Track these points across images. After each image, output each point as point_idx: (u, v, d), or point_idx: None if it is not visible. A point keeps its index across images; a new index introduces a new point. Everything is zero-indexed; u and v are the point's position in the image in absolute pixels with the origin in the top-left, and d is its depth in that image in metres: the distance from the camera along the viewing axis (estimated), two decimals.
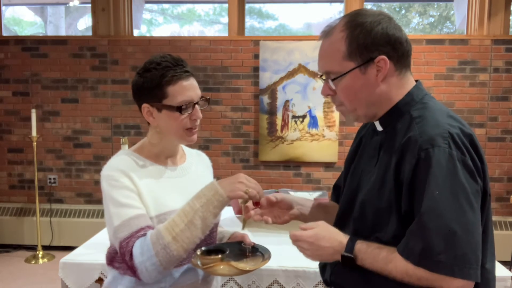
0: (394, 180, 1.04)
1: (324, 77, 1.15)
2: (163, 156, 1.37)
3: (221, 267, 1.22)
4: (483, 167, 1.04)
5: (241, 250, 1.35)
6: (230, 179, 1.23)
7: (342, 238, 1.11)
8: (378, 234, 1.08)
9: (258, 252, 1.35)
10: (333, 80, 1.12)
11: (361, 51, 1.08)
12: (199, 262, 1.24)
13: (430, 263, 0.96)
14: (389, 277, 1.03)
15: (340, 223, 1.26)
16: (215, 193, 1.20)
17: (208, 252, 1.27)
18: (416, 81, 1.16)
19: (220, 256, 1.25)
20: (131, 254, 1.18)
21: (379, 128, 1.17)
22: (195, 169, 1.45)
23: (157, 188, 1.30)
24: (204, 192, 1.21)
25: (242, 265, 1.26)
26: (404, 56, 1.11)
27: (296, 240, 1.15)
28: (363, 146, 1.26)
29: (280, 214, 1.37)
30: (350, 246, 1.09)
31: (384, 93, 1.11)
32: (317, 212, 1.39)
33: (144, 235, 1.20)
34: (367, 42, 1.07)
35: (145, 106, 1.30)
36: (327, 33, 1.13)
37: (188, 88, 1.29)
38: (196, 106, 1.31)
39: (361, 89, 1.10)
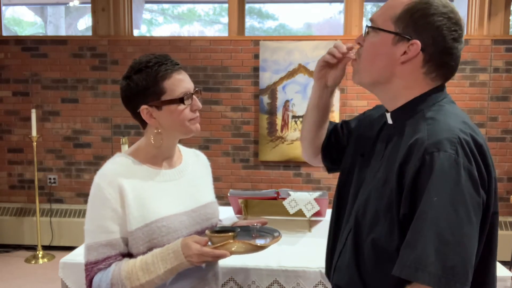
0: (396, 181, 1.01)
1: (367, 26, 1.13)
2: (160, 158, 1.36)
3: (234, 245, 1.21)
4: (490, 180, 1.00)
5: (248, 232, 1.35)
6: (197, 255, 1.20)
7: None
8: (374, 235, 1.05)
9: (264, 233, 1.35)
10: (369, 27, 1.11)
11: (407, 24, 1.06)
12: (209, 242, 1.23)
13: (419, 272, 0.91)
14: None
15: (339, 217, 1.24)
16: (180, 263, 1.21)
17: (218, 232, 1.26)
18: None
19: (231, 234, 1.24)
20: (90, 283, 1.25)
21: (390, 121, 1.15)
22: (191, 170, 1.43)
23: (150, 194, 1.29)
24: (170, 257, 1.21)
25: (255, 242, 1.27)
26: (437, 61, 1.07)
27: None
28: (372, 132, 1.23)
29: (331, 74, 1.27)
30: None
31: (397, 77, 1.09)
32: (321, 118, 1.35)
33: (109, 265, 1.24)
34: (418, 21, 1.05)
35: (143, 107, 1.28)
36: None
37: (183, 80, 1.30)
38: (194, 96, 1.32)
39: (381, 56, 1.09)
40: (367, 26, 1.13)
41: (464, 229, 0.92)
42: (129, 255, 1.28)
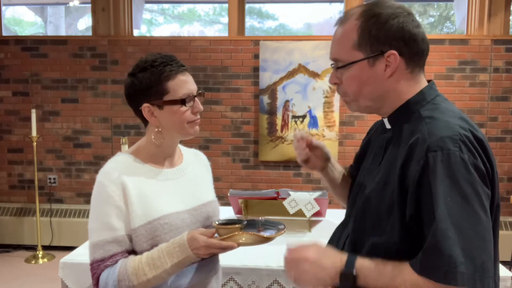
0: (398, 182, 1.00)
1: (333, 65, 1.13)
2: (161, 157, 1.37)
3: (242, 236, 1.22)
4: (493, 175, 1.00)
5: (253, 226, 1.36)
6: (205, 247, 1.20)
7: (341, 255, 1.05)
8: (375, 238, 1.04)
9: (269, 226, 1.37)
10: (339, 68, 1.10)
11: (371, 43, 1.05)
12: (216, 234, 1.24)
13: (451, 275, 0.89)
14: None
15: (343, 223, 1.24)
16: (187, 256, 1.22)
17: (225, 225, 1.26)
18: (429, 81, 1.13)
19: (238, 225, 1.24)
20: (97, 281, 1.25)
21: (388, 126, 1.15)
22: (192, 170, 1.45)
23: (152, 192, 1.30)
24: (176, 251, 1.22)
25: (262, 233, 1.28)
26: (418, 55, 1.07)
27: (296, 259, 1.07)
28: (372, 143, 1.25)
29: (315, 161, 1.37)
30: (350, 263, 1.01)
31: (391, 90, 1.08)
32: (342, 185, 1.41)
33: (116, 262, 1.24)
34: (379, 34, 1.04)
35: (145, 106, 1.29)
36: (343, 19, 1.10)
37: (186, 81, 1.30)
38: (196, 98, 1.33)
39: (366, 82, 1.07)
40: (334, 67, 1.12)
41: (483, 223, 0.92)
42: (134, 252, 1.28)
